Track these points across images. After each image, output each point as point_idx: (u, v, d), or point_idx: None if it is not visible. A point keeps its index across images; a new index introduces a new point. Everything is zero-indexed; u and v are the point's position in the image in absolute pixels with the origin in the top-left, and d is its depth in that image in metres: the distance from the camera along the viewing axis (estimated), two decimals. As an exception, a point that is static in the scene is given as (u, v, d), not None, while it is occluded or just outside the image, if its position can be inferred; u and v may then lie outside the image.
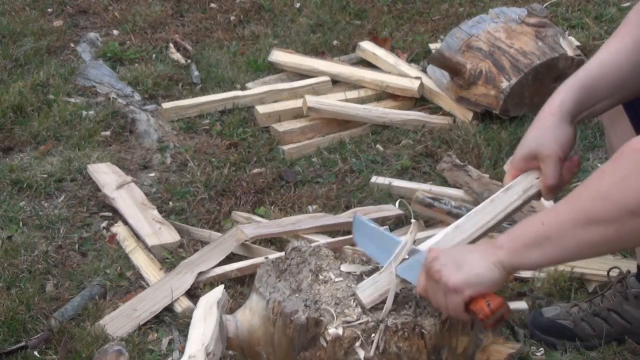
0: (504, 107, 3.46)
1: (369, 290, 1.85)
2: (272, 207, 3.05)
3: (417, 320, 1.82)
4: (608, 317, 2.39)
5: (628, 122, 2.08)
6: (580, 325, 2.40)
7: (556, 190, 1.85)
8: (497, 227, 1.87)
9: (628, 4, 4.48)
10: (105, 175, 3.20)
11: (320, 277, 1.94)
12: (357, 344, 1.80)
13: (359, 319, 1.82)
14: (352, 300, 1.86)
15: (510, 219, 1.90)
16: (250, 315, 1.91)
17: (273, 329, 1.86)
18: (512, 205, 1.86)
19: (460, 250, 1.76)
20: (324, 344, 1.81)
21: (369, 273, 1.94)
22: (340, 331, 1.80)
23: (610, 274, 2.48)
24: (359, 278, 1.94)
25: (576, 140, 1.89)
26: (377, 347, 1.79)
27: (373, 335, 1.80)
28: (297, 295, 1.89)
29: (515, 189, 1.87)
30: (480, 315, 1.70)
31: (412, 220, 1.93)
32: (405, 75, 3.78)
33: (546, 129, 1.84)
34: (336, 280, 1.93)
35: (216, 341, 1.85)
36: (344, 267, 1.97)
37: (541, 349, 2.41)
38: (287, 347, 1.85)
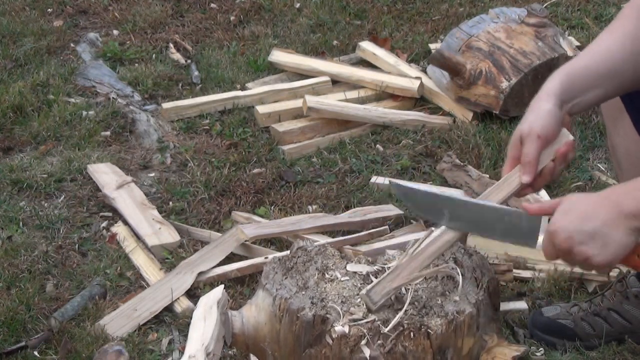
0: (504, 107, 3.46)
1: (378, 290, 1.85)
2: (272, 207, 3.05)
3: (423, 320, 1.83)
4: (608, 316, 2.39)
5: (629, 121, 2.09)
6: (580, 325, 2.40)
7: (532, 169, 1.84)
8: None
9: (627, 3, 4.47)
10: (105, 175, 3.20)
11: (327, 275, 1.95)
12: (363, 342, 1.80)
13: (365, 318, 1.82)
14: (359, 299, 1.87)
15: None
16: (256, 312, 1.92)
17: (279, 326, 1.87)
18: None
19: (590, 220, 1.72)
20: (330, 342, 1.82)
21: (376, 273, 1.95)
22: (346, 329, 1.80)
23: (610, 273, 2.48)
24: (366, 277, 1.94)
25: (570, 126, 1.89)
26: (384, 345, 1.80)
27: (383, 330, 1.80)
28: (303, 292, 1.89)
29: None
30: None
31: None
32: (405, 75, 3.78)
33: (530, 111, 1.87)
34: (342, 279, 1.94)
35: (216, 341, 1.86)
36: (351, 267, 1.98)
37: (541, 348, 2.41)
38: (292, 344, 1.86)
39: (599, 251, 1.71)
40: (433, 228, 1.94)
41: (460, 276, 1.88)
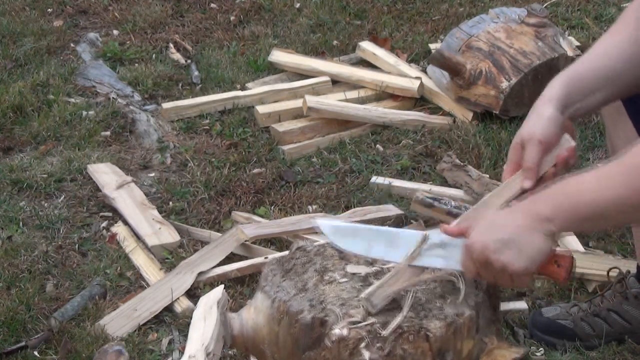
0: (504, 107, 3.46)
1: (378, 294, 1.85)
2: (272, 207, 3.05)
3: (423, 323, 1.82)
4: (608, 317, 2.39)
5: (629, 122, 2.09)
6: (580, 325, 2.40)
7: (533, 175, 1.84)
8: None
9: (628, 4, 4.47)
10: (105, 175, 3.20)
11: (326, 277, 1.95)
12: (362, 345, 1.80)
13: (364, 320, 1.82)
14: (358, 301, 1.87)
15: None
16: (255, 314, 1.91)
17: (278, 328, 1.86)
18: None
19: (503, 228, 1.71)
20: (329, 344, 1.81)
21: (375, 274, 1.94)
22: (345, 332, 1.80)
23: (610, 274, 2.48)
24: (365, 279, 1.94)
25: (572, 131, 1.89)
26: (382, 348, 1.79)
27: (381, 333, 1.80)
28: (302, 294, 1.89)
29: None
30: (558, 279, 1.76)
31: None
32: (405, 75, 3.78)
33: (531, 116, 1.86)
34: (341, 280, 1.93)
35: (216, 341, 1.85)
36: (350, 268, 1.97)
37: (541, 349, 2.41)
38: (291, 346, 1.86)
39: (514, 258, 1.69)
40: (427, 233, 1.94)
41: (463, 283, 1.88)
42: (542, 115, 1.84)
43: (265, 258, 2.67)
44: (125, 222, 2.96)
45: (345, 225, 1.96)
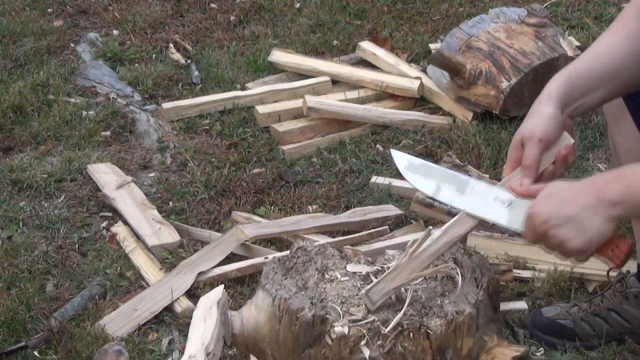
0: (504, 107, 3.46)
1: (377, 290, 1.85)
2: (272, 207, 3.05)
3: (423, 320, 1.83)
4: (608, 316, 2.39)
5: (631, 120, 2.09)
6: (580, 325, 2.40)
7: (532, 173, 1.84)
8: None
9: (627, 3, 4.47)
10: (105, 175, 3.20)
11: (326, 276, 1.95)
12: (363, 342, 1.80)
13: (364, 318, 1.82)
14: (358, 299, 1.87)
15: None
16: (256, 312, 1.92)
17: (279, 326, 1.87)
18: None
19: (568, 204, 1.73)
20: (329, 342, 1.82)
21: (375, 273, 1.95)
22: (345, 330, 1.80)
23: (610, 273, 2.48)
24: (365, 278, 1.94)
25: (571, 129, 1.89)
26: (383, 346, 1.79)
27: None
28: (303, 293, 1.89)
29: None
30: (615, 261, 1.78)
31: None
32: (405, 75, 3.78)
33: (531, 114, 1.87)
34: (342, 279, 1.94)
35: (216, 341, 1.86)
36: (350, 267, 1.98)
37: (541, 349, 2.41)
38: (292, 344, 1.86)
39: (573, 236, 1.72)
40: (432, 228, 1.94)
41: (460, 276, 1.88)
42: (542, 113, 1.85)
43: (265, 258, 2.67)
44: (125, 222, 2.96)
45: (419, 162, 1.94)
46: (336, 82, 3.83)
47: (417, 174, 1.93)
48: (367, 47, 4.03)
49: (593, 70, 1.90)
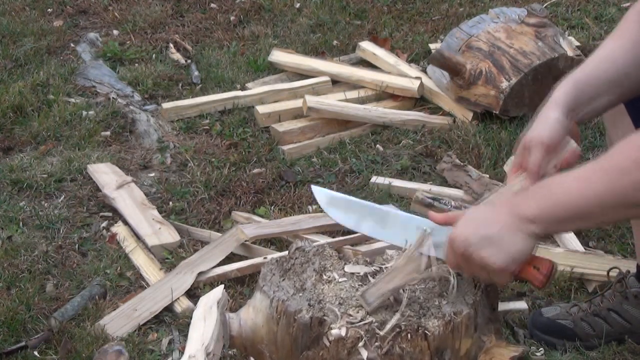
0: (504, 107, 3.46)
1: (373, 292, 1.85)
2: (272, 207, 3.05)
3: (421, 321, 1.83)
4: (608, 316, 2.39)
5: (629, 122, 2.09)
6: (580, 325, 2.40)
7: (536, 177, 1.85)
8: None
9: (628, 4, 4.48)
10: (105, 175, 3.20)
11: (324, 277, 1.95)
12: (360, 344, 1.80)
13: (362, 320, 1.82)
14: (356, 301, 1.87)
15: None
16: (253, 314, 1.91)
17: (276, 328, 1.87)
18: None
19: (487, 224, 1.73)
20: (327, 344, 1.81)
21: (373, 274, 1.94)
22: (343, 331, 1.80)
23: (610, 274, 2.48)
24: (363, 279, 1.94)
25: (578, 136, 1.90)
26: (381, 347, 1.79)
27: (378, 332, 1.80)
28: (301, 294, 1.89)
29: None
30: (536, 283, 1.77)
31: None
32: (405, 75, 3.78)
33: (538, 120, 1.88)
34: (340, 280, 1.94)
35: (216, 341, 1.85)
36: (348, 268, 1.97)
37: (541, 349, 2.41)
38: (290, 346, 1.86)
39: (495, 255, 1.72)
40: (428, 229, 1.95)
41: (454, 279, 1.88)
42: (548, 119, 1.86)
43: (265, 258, 2.67)
44: (125, 222, 2.96)
45: (340, 196, 1.99)
46: (336, 82, 3.83)
47: (338, 208, 1.96)
48: (367, 47, 4.03)
49: (599, 76, 1.90)
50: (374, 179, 3.19)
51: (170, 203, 3.09)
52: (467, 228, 1.75)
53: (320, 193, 1.98)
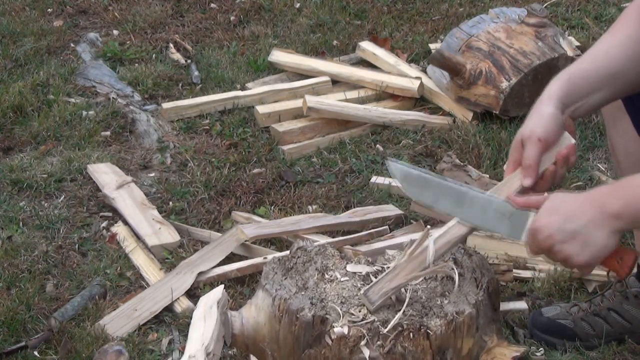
0: (504, 107, 3.46)
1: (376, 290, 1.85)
2: (272, 207, 3.05)
3: (423, 320, 1.83)
4: (608, 316, 2.39)
5: (629, 121, 2.09)
6: (580, 325, 2.40)
7: (532, 173, 1.84)
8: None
9: (628, 4, 4.47)
10: (105, 175, 3.20)
11: (326, 276, 1.95)
12: (362, 342, 1.80)
13: (364, 318, 1.83)
14: (358, 300, 1.87)
15: None
16: (256, 312, 1.92)
17: (279, 326, 1.87)
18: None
19: (572, 219, 1.74)
20: (329, 342, 1.82)
21: (375, 273, 1.95)
22: (345, 330, 1.81)
23: (610, 273, 2.48)
24: (365, 278, 1.94)
25: (573, 130, 1.89)
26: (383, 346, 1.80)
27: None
28: (303, 293, 1.89)
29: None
30: (621, 274, 1.79)
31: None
32: (405, 75, 3.78)
33: (532, 115, 1.88)
34: (342, 279, 1.94)
35: (216, 341, 1.86)
36: (350, 267, 1.98)
37: (541, 349, 2.41)
38: (292, 344, 1.86)
39: (579, 251, 1.73)
40: (430, 227, 1.95)
41: (458, 276, 1.88)
42: (542, 114, 1.85)
43: (265, 258, 2.67)
44: (125, 222, 2.96)
45: (416, 173, 1.93)
46: (336, 82, 3.83)
47: (414, 185, 1.92)
48: (367, 47, 4.03)
49: (594, 71, 1.90)
50: (374, 179, 3.19)
51: (170, 203, 3.09)
52: (551, 220, 1.75)
53: (396, 168, 1.92)
